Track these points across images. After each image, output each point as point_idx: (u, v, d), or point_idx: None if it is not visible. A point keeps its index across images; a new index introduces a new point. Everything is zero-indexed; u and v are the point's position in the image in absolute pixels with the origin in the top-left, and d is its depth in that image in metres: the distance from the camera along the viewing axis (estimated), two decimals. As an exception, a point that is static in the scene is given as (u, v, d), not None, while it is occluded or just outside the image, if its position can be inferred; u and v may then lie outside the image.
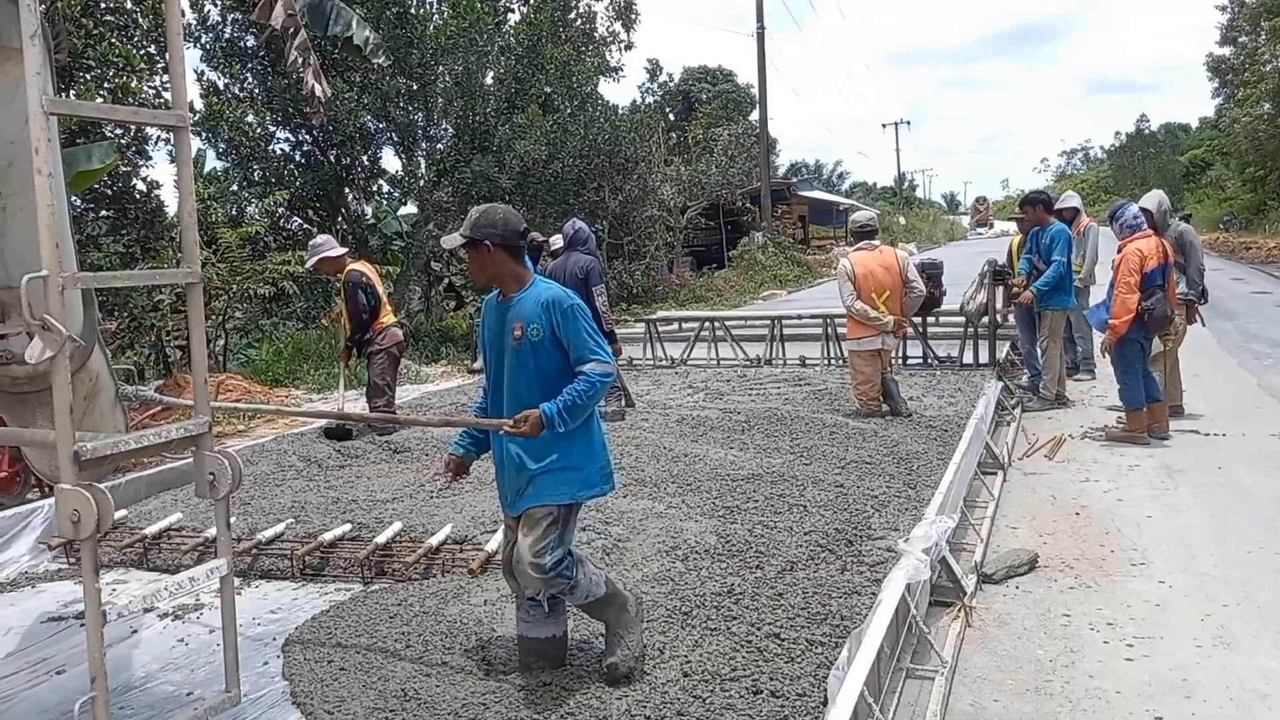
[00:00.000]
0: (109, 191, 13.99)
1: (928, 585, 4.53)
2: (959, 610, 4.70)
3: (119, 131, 13.58)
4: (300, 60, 12.92)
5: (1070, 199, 10.91)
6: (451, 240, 3.73)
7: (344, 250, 9.02)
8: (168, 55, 2.84)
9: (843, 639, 3.82)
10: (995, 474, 7.14)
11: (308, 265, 8.98)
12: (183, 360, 15.67)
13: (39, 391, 3.85)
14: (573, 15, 22.93)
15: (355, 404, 10.17)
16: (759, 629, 4.12)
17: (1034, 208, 9.68)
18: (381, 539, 5.52)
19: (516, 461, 3.68)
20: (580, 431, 3.63)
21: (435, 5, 20.85)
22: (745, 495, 6.09)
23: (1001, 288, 10.38)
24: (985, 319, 10.51)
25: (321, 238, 9.34)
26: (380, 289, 8.85)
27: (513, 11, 22.46)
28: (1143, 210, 8.31)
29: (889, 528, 5.42)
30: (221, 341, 16.31)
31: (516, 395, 3.64)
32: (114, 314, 14.00)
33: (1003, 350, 11.24)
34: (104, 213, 14.43)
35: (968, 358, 11.18)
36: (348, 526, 5.83)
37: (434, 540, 5.43)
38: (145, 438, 2.58)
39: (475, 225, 3.66)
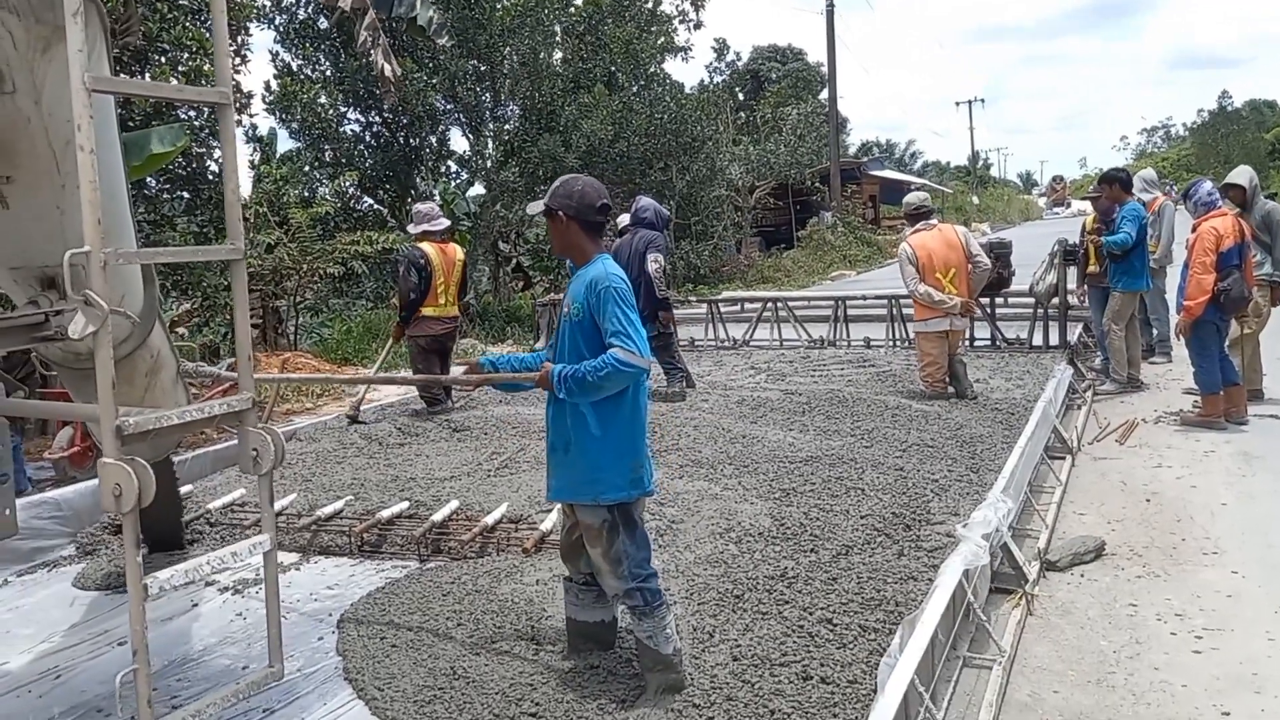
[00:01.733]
0: (183, 173, 14.23)
1: (987, 571, 4.43)
2: (1020, 598, 4.58)
3: (192, 114, 13.81)
4: (369, 41, 13.03)
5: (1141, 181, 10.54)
6: (535, 206, 3.77)
7: (423, 229, 8.79)
8: (212, 34, 2.84)
9: (897, 625, 3.74)
10: (1063, 459, 6.96)
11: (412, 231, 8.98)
12: (256, 338, 16.00)
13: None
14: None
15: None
16: (811, 614, 4.06)
17: (1111, 186, 9.35)
18: (438, 517, 5.56)
19: (550, 442, 3.67)
20: (604, 429, 3.49)
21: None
22: (802, 478, 6.02)
23: (1073, 267, 10.11)
24: (1055, 300, 10.25)
25: (423, 206, 9.09)
26: (439, 277, 8.59)
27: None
28: (1233, 186, 8.02)
29: (949, 512, 5.32)
30: (294, 321, 16.59)
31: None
32: (188, 293, 14.28)
33: (1074, 332, 10.97)
34: (180, 194, 14.69)
35: (1037, 339, 10.94)
36: (405, 504, 5.89)
37: (489, 519, 5.46)
38: (188, 413, 2.60)
39: (553, 194, 3.66)
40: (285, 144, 20.66)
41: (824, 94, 38.92)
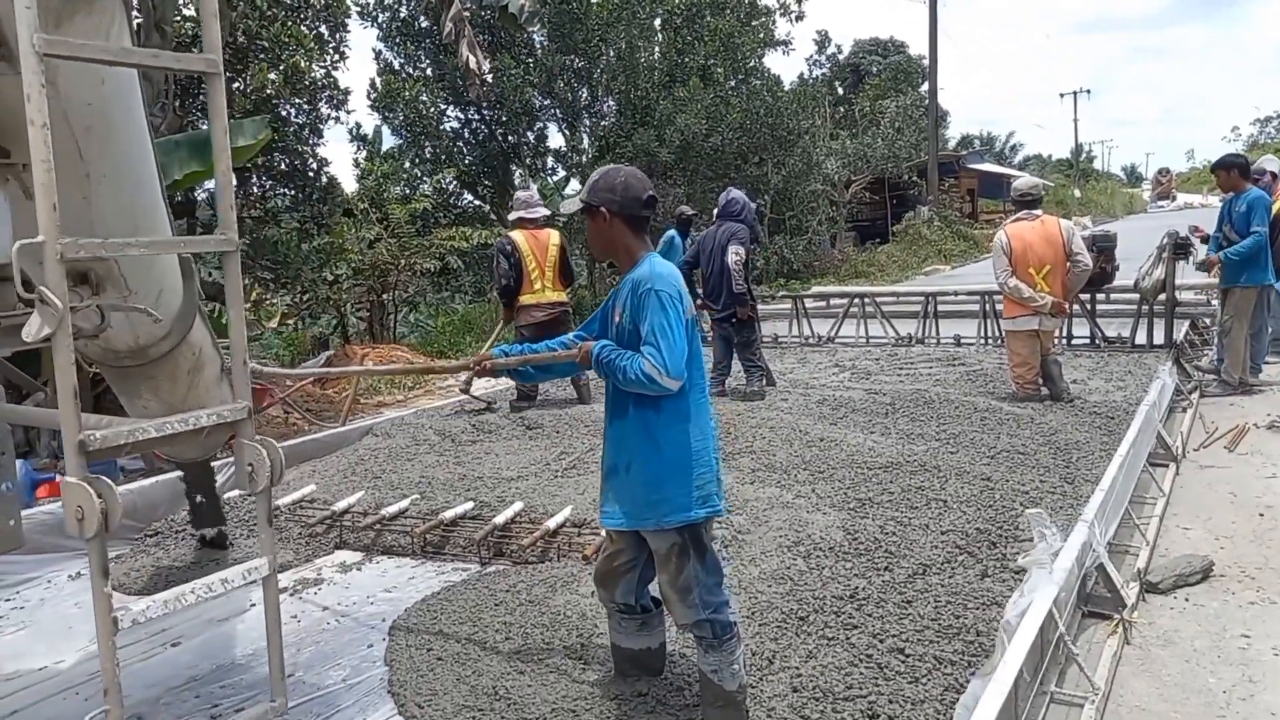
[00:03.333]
0: (285, 170, 14.43)
1: (1075, 596, 4.06)
2: (1116, 625, 4.20)
3: (291, 110, 13.97)
4: (455, 31, 13.02)
5: (1268, 163, 9.88)
6: (570, 205, 3.41)
7: (519, 215, 8.78)
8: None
9: (976, 659, 3.42)
10: (1166, 466, 6.48)
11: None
12: (364, 330, 16.31)
13: (140, 366, 3.82)
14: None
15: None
16: (881, 641, 3.74)
17: (1227, 172, 8.75)
18: (500, 519, 5.40)
19: (610, 464, 3.36)
20: (667, 443, 3.17)
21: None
22: (880, 486, 5.67)
23: (1183, 262, 9.54)
24: (1162, 296, 9.67)
25: (523, 194, 9.08)
26: (530, 263, 8.56)
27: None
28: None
29: (1040, 528, 4.94)
30: (393, 314, 16.81)
31: (612, 388, 3.34)
32: (288, 287, 14.54)
33: (1181, 330, 10.36)
34: (285, 190, 14.93)
35: (1140, 338, 10.37)
36: (470, 504, 5.74)
37: (551, 523, 5.27)
38: (168, 425, 2.37)
39: (593, 189, 3.27)
40: (388, 141, 20.96)
41: (924, 86, 38.00)
